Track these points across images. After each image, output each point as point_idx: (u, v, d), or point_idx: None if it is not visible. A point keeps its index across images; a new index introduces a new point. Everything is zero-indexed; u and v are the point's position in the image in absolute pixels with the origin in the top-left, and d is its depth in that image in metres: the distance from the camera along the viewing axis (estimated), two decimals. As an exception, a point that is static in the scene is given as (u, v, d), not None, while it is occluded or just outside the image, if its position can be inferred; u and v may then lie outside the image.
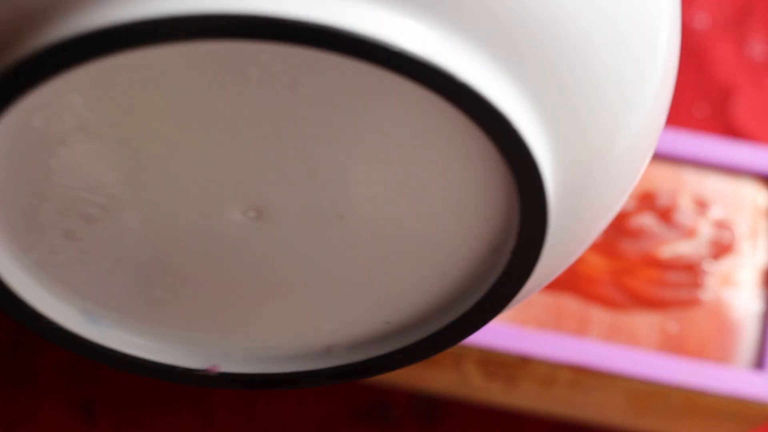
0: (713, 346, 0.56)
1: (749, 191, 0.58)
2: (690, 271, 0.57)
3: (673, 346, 0.56)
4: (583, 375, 0.55)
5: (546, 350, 0.54)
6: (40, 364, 0.68)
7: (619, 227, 0.57)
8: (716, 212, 0.58)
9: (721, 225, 0.58)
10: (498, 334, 0.54)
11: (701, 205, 0.58)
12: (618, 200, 0.34)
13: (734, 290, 0.57)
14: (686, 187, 0.58)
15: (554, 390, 0.59)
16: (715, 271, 0.57)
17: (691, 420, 0.60)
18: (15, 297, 0.34)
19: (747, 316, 0.56)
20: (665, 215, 0.58)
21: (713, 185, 0.58)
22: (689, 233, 0.57)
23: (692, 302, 0.56)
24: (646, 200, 0.58)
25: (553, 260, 0.34)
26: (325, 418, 0.66)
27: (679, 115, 0.74)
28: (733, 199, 0.58)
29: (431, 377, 0.62)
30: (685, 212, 0.58)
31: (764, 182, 0.59)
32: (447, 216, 0.32)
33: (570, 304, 0.56)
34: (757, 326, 0.56)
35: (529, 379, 0.58)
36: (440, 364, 0.59)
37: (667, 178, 0.58)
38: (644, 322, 0.56)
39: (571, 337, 0.54)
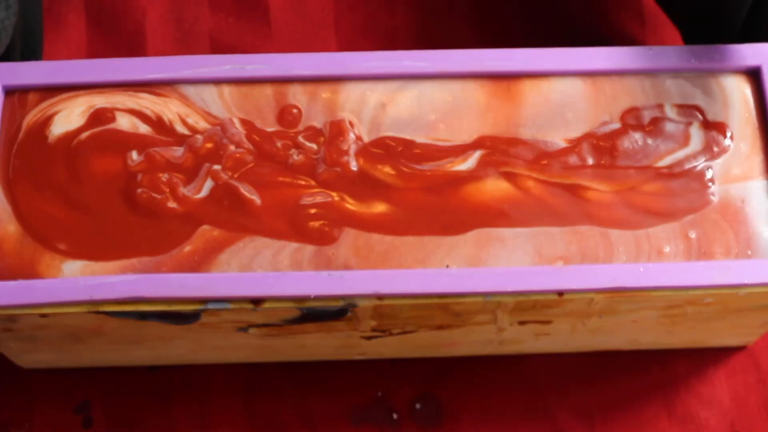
0: (735, 241, 0.56)
1: (733, 87, 0.59)
2: (693, 176, 0.57)
3: (698, 250, 0.56)
4: (617, 299, 0.55)
5: (580, 282, 0.54)
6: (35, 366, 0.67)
7: (612, 151, 0.57)
8: (704, 114, 0.58)
9: (712, 126, 0.58)
10: (529, 276, 0.54)
11: (688, 111, 0.58)
12: None
13: (740, 184, 0.57)
14: (669, 96, 0.58)
15: (587, 322, 0.59)
16: (717, 170, 0.57)
17: (724, 321, 0.61)
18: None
19: (760, 206, 0.57)
20: (654, 130, 0.58)
21: (696, 89, 0.59)
22: (682, 141, 0.58)
23: (703, 204, 0.57)
24: (631, 117, 0.58)
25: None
26: (325, 418, 0.66)
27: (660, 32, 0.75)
28: (719, 98, 0.59)
29: (465, 337, 0.62)
30: (673, 121, 0.58)
31: (746, 76, 0.59)
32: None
33: (590, 233, 0.56)
34: (771, 213, 0.57)
35: (563, 316, 0.58)
36: (475, 320, 0.58)
37: (647, 92, 0.58)
38: (665, 233, 0.56)
39: (600, 264, 0.55)
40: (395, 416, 0.65)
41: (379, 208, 0.56)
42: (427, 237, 0.55)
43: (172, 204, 0.56)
